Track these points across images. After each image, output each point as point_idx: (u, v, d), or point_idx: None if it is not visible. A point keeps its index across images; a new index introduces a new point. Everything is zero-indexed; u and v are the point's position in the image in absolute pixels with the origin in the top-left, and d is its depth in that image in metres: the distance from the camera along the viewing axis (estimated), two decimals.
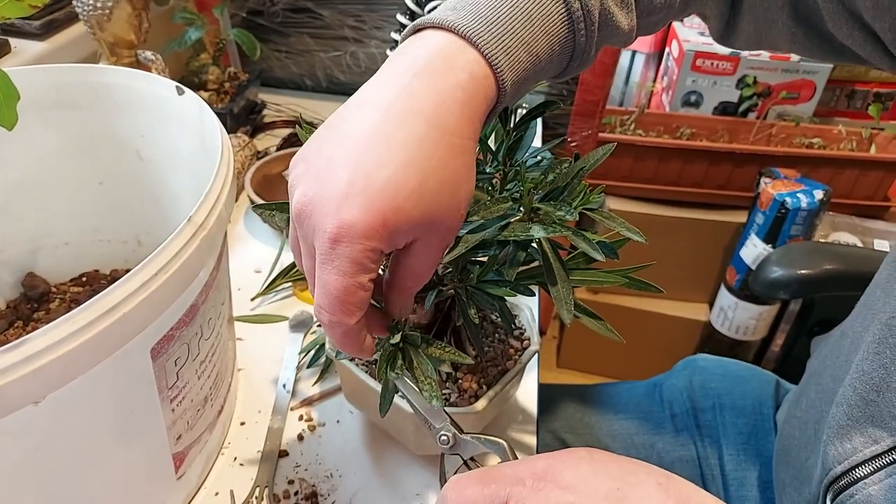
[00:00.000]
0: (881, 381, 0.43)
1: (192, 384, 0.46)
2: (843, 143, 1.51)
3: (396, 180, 0.33)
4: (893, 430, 0.42)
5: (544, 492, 0.33)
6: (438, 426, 0.41)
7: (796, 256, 0.84)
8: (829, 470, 0.45)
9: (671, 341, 1.55)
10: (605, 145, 0.41)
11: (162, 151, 0.60)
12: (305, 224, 0.35)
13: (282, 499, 0.52)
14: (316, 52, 1.11)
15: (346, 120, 0.35)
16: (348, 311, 0.35)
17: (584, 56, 0.42)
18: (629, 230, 0.42)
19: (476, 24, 0.36)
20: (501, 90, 0.37)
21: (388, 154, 0.33)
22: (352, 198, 0.33)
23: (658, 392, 0.77)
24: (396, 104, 0.34)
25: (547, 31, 0.38)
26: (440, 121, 0.34)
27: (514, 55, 0.37)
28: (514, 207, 0.41)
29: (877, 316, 0.45)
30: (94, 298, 0.34)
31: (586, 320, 0.45)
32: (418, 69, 0.35)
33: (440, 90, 0.35)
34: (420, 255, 0.36)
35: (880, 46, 0.45)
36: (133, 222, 0.66)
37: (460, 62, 0.36)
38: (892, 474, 0.41)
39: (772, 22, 0.49)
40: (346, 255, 0.33)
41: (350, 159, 0.33)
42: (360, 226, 0.32)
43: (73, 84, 0.57)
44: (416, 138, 0.34)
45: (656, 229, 1.47)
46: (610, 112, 1.54)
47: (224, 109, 0.92)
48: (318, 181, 0.34)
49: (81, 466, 0.40)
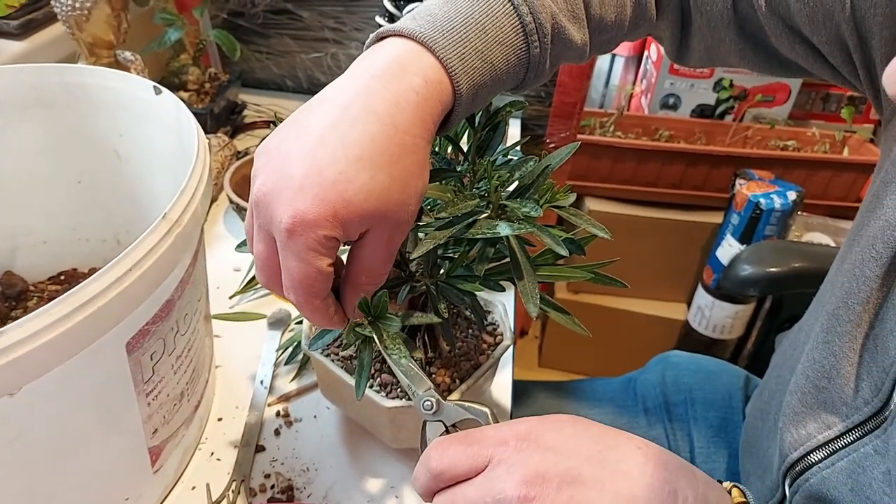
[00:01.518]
0: (831, 368, 0.44)
1: (168, 379, 0.47)
2: (816, 145, 1.54)
3: (347, 174, 0.35)
4: (844, 415, 0.44)
5: (526, 452, 0.34)
6: (422, 392, 0.41)
7: (766, 255, 0.86)
8: (786, 456, 0.47)
9: (650, 340, 1.58)
10: (570, 144, 0.43)
11: (140, 151, 0.60)
12: (263, 213, 0.37)
13: (258, 492, 0.53)
14: (297, 53, 1.11)
15: (307, 117, 0.38)
16: (312, 293, 0.38)
17: (539, 68, 0.44)
18: (594, 226, 0.44)
19: (433, 32, 0.39)
20: (457, 94, 0.39)
21: (341, 150, 0.35)
22: (305, 190, 0.35)
23: (632, 387, 0.79)
24: (353, 103, 0.37)
25: (501, 41, 0.41)
26: (393, 120, 0.36)
27: (468, 61, 0.39)
28: (482, 204, 0.42)
29: (824, 307, 0.47)
30: (68, 292, 0.35)
31: (554, 314, 0.46)
32: (376, 71, 0.38)
33: (395, 91, 0.37)
34: (371, 245, 0.38)
35: (821, 58, 0.47)
36: (112, 221, 0.66)
37: (415, 66, 0.38)
38: (845, 457, 0.43)
39: (720, 41, 0.51)
40: (301, 242, 0.35)
41: (306, 154, 0.36)
42: (311, 216, 0.35)
43: (51, 84, 0.57)
44: (368, 136, 0.36)
45: (635, 230, 1.49)
46: (589, 114, 1.56)
47: (204, 110, 0.92)
48: (276, 173, 0.36)
49: (58, 457, 0.41)
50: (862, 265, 0.44)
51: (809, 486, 0.45)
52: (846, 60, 0.46)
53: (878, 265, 0.42)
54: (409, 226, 0.39)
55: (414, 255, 0.40)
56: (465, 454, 0.35)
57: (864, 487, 0.41)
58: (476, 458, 0.35)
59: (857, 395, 0.43)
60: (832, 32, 0.45)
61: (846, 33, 0.44)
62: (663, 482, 0.34)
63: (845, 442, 0.43)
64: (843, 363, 0.44)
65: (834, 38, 0.45)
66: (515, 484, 0.33)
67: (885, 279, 0.42)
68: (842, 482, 0.43)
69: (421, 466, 0.37)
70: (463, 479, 0.35)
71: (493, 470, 0.34)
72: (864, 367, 0.43)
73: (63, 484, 0.42)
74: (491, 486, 0.34)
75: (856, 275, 0.44)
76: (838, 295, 0.45)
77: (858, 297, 0.43)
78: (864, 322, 0.43)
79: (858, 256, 0.44)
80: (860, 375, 0.43)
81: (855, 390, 0.43)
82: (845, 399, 0.44)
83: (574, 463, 0.34)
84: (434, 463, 0.36)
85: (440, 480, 0.36)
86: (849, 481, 0.42)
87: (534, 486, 0.33)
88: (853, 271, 0.44)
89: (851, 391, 0.44)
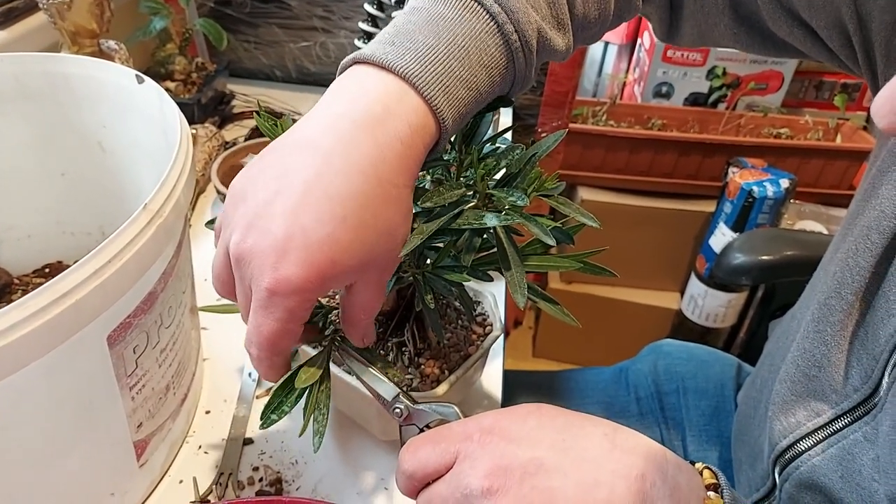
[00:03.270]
0: (822, 357, 0.44)
1: (152, 372, 0.46)
2: (809, 133, 1.54)
3: (333, 235, 0.34)
4: (834, 402, 0.44)
5: (491, 445, 0.35)
6: (391, 400, 0.42)
7: (758, 243, 0.86)
8: (776, 444, 0.47)
9: (643, 329, 1.58)
10: (557, 132, 0.42)
11: (124, 142, 0.59)
12: (244, 269, 0.36)
13: (246, 485, 0.53)
14: (285, 42, 1.10)
15: (285, 162, 0.36)
16: (276, 352, 0.38)
17: (524, 81, 0.43)
18: (583, 215, 0.43)
19: (415, 65, 0.37)
20: (443, 129, 0.38)
21: (326, 208, 0.34)
22: (290, 253, 0.34)
23: (624, 377, 0.79)
24: (335, 154, 0.35)
25: (485, 64, 0.39)
26: (376, 171, 0.35)
27: (453, 93, 0.38)
28: (469, 194, 0.41)
29: (816, 296, 0.47)
30: (46, 284, 0.34)
31: (543, 304, 0.46)
32: (358, 117, 0.36)
33: (379, 143, 0.36)
34: (362, 293, 0.39)
35: (819, 42, 0.47)
36: (96, 214, 0.65)
37: (399, 110, 0.36)
38: (835, 444, 0.43)
39: (714, 25, 0.51)
40: (281, 305, 0.35)
41: (289, 212, 0.34)
42: (296, 280, 0.34)
43: (32, 74, 0.56)
44: (352, 192, 0.35)
45: (628, 219, 1.49)
46: (582, 103, 1.55)
47: (191, 100, 0.91)
48: (256, 229, 0.35)
49: (40, 452, 0.40)
50: (856, 255, 0.43)
51: (799, 474, 0.45)
52: (845, 44, 0.45)
53: (871, 255, 0.42)
54: (396, 264, 0.39)
55: (402, 252, 0.39)
56: (433, 453, 0.36)
57: (854, 474, 0.41)
58: (444, 456, 0.36)
59: (847, 382, 0.43)
60: (831, 16, 0.44)
61: (846, 17, 0.43)
62: (630, 467, 0.34)
63: (835, 429, 0.43)
64: (833, 352, 0.44)
65: (833, 21, 0.44)
66: (479, 477, 0.34)
67: (877, 268, 0.42)
68: (832, 469, 0.43)
69: (397, 469, 0.38)
70: (436, 477, 0.36)
71: (460, 465, 0.35)
72: (854, 355, 0.43)
73: (45, 478, 0.41)
74: (458, 482, 0.34)
75: (849, 264, 0.44)
76: (831, 284, 0.45)
77: (851, 287, 0.43)
78: (856, 311, 0.43)
79: (852, 246, 0.44)
80: (850, 363, 0.43)
81: (845, 378, 0.43)
82: (835, 387, 0.44)
83: (536, 453, 0.34)
84: (406, 465, 0.37)
85: (415, 480, 0.37)
86: (839, 468, 0.42)
87: (497, 478, 0.33)
88: (846, 261, 0.44)
89: (841, 379, 0.43)
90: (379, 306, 0.41)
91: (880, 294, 0.42)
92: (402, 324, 0.53)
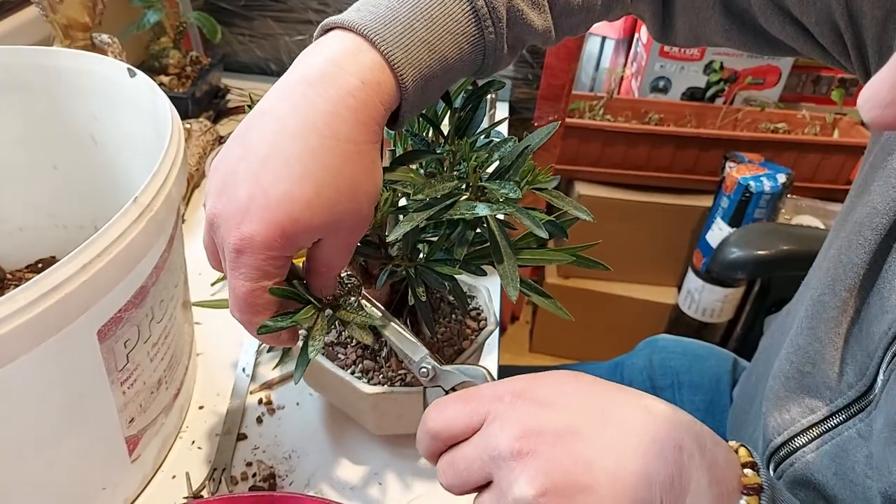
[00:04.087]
0: (816, 354, 0.44)
1: (144, 367, 0.46)
2: (807, 127, 1.53)
3: (292, 193, 0.35)
4: (828, 399, 0.43)
5: (523, 408, 0.34)
6: (417, 360, 0.42)
7: (754, 237, 0.86)
8: (770, 441, 0.47)
9: (640, 324, 1.58)
10: (550, 124, 0.42)
11: (116, 135, 0.59)
12: (216, 235, 0.38)
13: (240, 480, 0.52)
14: (280, 35, 1.10)
15: (248, 132, 0.37)
16: (256, 312, 0.38)
17: (497, 54, 0.42)
18: (577, 209, 0.43)
19: (374, 23, 0.37)
20: (403, 88, 0.38)
21: (284, 169, 0.35)
22: (251, 212, 0.35)
23: (619, 371, 0.79)
24: (291, 116, 0.36)
25: (451, 30, 0.39)
26: (332, 130, 0.36)
27: (413, 53, 0.38)
28: (461, 186, 0.41)
29: (809, 292, 0.47)
30: (35, 279, 0.34)
31: (536, 298, 0.45)
32: (311, 77, 0.37)
33: (331, 99, 0.36)
34: (327, 250, 0.39)
35: (811, 39, 0.47)
36: (89, 207, 0.65)
37: (352, 67, 0.37)
38: (829, 441, 0.43)
39: (705, 20, 0.50)
40: (249, 263, 0.36)
41: (249, 174, 0.36)
42: (259, 238, 0.35)
43: (23, 66, 0.56)
44: (309, 150, 0.35)
45: (624, 214, 1.48)
46: (579, 97, 1.55)
47: (185, 94, 0.91)
48: (224, 195, 0.37)
49: (30, 446, 0.40)
50: (849, 251, 0.43)
51: (794, 471, 0.45)
52: (836, 41, 0.45)
53: (864, 251, 0.42)
54: (366, 226, 0.39)
55: (391, 237, 0.39)
56: (461, 412, 0.35)
57: (848, 471, 0.41)
58: (472, 416, 0.34)
59: (842, 379, 0.43)
60: (822, 12, 0.44)
61: (837, 13, 0.43)
62: (668, 438, 0.32)
63: (829, 426, 0.43)
64: (827, 348, 0.43)
65: (824, 18, 0.44)
66: (508, 439, 0.32)
67: (871, 265, 0.42)
68: (826, 466, 0.43)
69: (421, 428, 0.36)
70: (462, 439, 0.35)
71: (489, 427, 0.34)
72: (848, 352, 0.43)
73: (36, 472, 0.41)
74: (486, 443, 0.33)
75: (842, 261, 0.44)
76: (824, 281, 0.45)
77: (845, 283, 0.43)
78: (850, 308, 0.43)
79: (845, 242, 0.44)
80: (844, 360, 0.43)
81: (839, 375, 0.43)
82: (829, 384, 0.43)
83: (572, 419, 0.33)
84: (431, 423, 0.35)
85: (439, 440, 0.35)
86: (833, 465, 0.42)
87: (528, 440, 0.32)
88: (839, 257, 0.44)
89: (836, 376, 0.43)
90: (342, 266, 0.41)
91: (874, 290, 0.41)
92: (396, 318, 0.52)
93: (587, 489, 0.31)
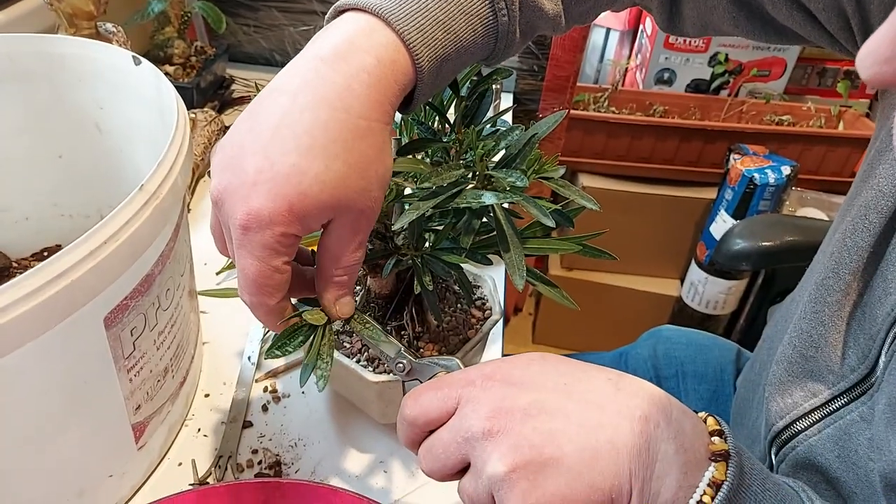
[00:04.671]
0: (820, 338, 0.44)
1: (150, 355, 0.46)
2: (812, 120, 1.53)
3: (300, 166, 0.34)
4: (831, 382, 0.44)
5: (493, 389, 0.35)
6: (393, 356, 0.43)
7: (758, 229, 0.86)
8: (772, 425, 0.47)
9: (643, 316, 1.58)
10: (557, 113, 0.42)
11: (121, 124, 0.59)
12: (221, 211, 0.36)
13: (245, 468, 0.53)
14: (285, 26, 1.09)
15: (258, 108, 0.36)
16: (266, 293, 0.37)
17: (509, 38, 0.42)
18: (583, 198, 0.43)
19: (388, 3, 0.37)
20: (418, 68, 0.37)
21: (292, 141, 0.34)
22: (259, 185, 0.34)
23: (623, 361, 0.79)
24: (302, 90, 0.35)
25: (465, 10, 0.39)
26: (345, 104, 0.35)
27: (429, 33, 0.37)
28: (467, 175, 0.41)
29: (813, 277, 0.47)
30: (41, 265, 0.34)
31: (541, 287, 0.45)
32: (325, 54, 0.36)
33: (345, 74, 0.35)
34: (336, 234, 0.37)
35: (819, 26, 0.46)
36: (94, 196, 0.65)
37: (367, 45, 0.36)
38: (831, 424, 0.43)
39: (713, 7, 0.50)
40: (256, 240, 0.35)
41: (257, 147, 0.35)
42: (266, 212, 0.34)
43: (28, 54, 0.56)
44: (320, 123, 0.34)
45: (629, 206, 1.48)
46: (583, 89, 1.54)
47: (190, 84, 0.91)
48: (230, 169, 0.35)
49: (37, 433, 0.40)
50: (854, 235, 0.43)
51: (796, 455, 0.45)
52: (843, 27, 0.45)
53: (869, 234, 0.42)
54: (375, 212, 0.38)
55: (396, 225, 0.39)
56: (435, 398, 0.36)
57: (850, 454, 0.41)
58: (446, 401, 0.36)
59: (844, 362, 0.43)
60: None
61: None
62: (633, 408, 0.34)
63: (832, 408, 0.43)
64: (830, 332, 0.43)
65: (832, 4, 0.44)
66: (480, 419, 0.34)
67: (875, 248, 0.42)
68: (828, 449, 0.43)
69: (399, 417, 0.38)
70: (438, 425, 0.36)
71: (461, 409, 0.35)
72: (851, 335, 0.43)
73: (43, 459, 0.41)
74: (460, 426, 0.35)
75: (847, 245, 0.44)
76: (828, 265, 0.45)
77: (849, 267, 0.43)
78: (854, 291, 0.43)
79: (850, 226, 0.44)
80: (847, 343, 0.43)
81: (842, 358, 0.43)
82: (832, 367, 0.43)
83: (538, 395, 0.34)
84: (408, 411, 0.37)
85: (416, 427, 0.37)
86: (835, 448, 0.42)
87: (497, 419, 0.33)
88: (844, 241, 0.44)
89: (838, 359, 0.43)
90: (352, 262, 0.39)
91: (878, 274, 0.41)
92: (402, 307, 0.52)
93: (556, 461, 0.32)
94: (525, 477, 0.32)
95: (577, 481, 0.32)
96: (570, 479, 0.32)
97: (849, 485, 0.41)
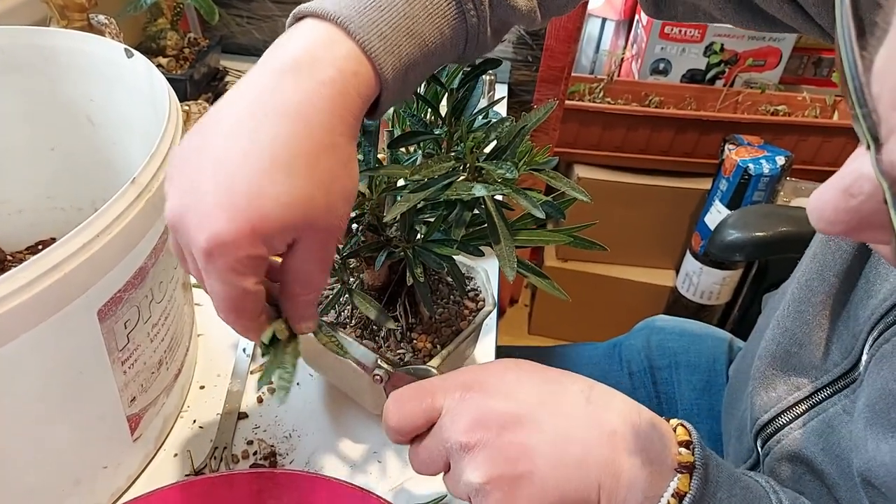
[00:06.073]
0: (803, 336, 0.45)
1: (144, 347, 0.46)
2: (807, 110, 1.53)
3: (261, 185, 0.32)
4: (813, 377, 0.44)
5: (469, 401, 0.37)
6: (371, 367, 0.44)
7: (752, 219, 0.86)
8: (757, 419, 0.48)
9: (638, 307, 1.58)
10: (548, 104, 0.42)
11: (113, 116, 0.59)
12: (180, 235, 0.34)
13: (240, 459, 0.53)
14: (279, 17, 1.09)
15: (215, 122, 0.34)
16: (240, 314, 0.35)
17: (480, 38, 0.40)
18: (575, 190, 0.43)
19: (349, 12, 0.35)
20: (382, 78, 0.36)
21: (253, 158, 0.32)
22: (217, 209, 0.32)
23: (617, 352, 0.79)
24: (262, 106, 0.33)
25: (431, 13, 0.37)
26: (304, 116, 0.33)
27: (392, 40, 0.35)
28: (458, 167, 0.41)
29: (796, 275, 0.47)
30: (34, 258, 0.34)
31: (533, 278, 0.46)
32: (285, 66, 0.34)
33: (304, 87, 0.33)
34: (301, 255, 0.35)
35: (809, 19, 0.46)
36: (87, 189, 0.65)
37: (328, 57, 0.34)
38: (815, 417, 0.44)
39: None
40: (221, 265, 0.32)
41: (214, 167, 0.32)
42: (228, 237, 0.31)
43: (19, 47, 0.56)
44: (281, 139, 0.32)
45: (624, 197, 1.48)
46: (579, 80, 1.54)
47: (183, 76, 0.90)
48: (186, 192, 0.33)
49: (32, 424, 0.40)
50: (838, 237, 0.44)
51: (781, 448, 0.46)
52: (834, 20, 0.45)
53: None
54: (341, 230, 0.36)
55: (387, 217, 0.39)
56: (419, 409, 0.38)
57: (834, 446, 0.41)
58: (430, 413, 0.37)
59: (827, 358, 0.43)
60: None
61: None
62: (603, 423, 0.35)
63: (815, 401, 0.44)
64: (814, 331, 0.44)
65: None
66: (458, 432, 0.35)
67: (860, 250, 0.42)
68: (813, 442, 0.43)
69: (384, 423, 0.39)
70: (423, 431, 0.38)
71: (442, 420, 0.37)
72: (835, 333, 0.43)
73: (37, 450, 0.42)
74: (441, 436, 0.37)
75: (831, 247, 0.44)
76: (812, 266, 0.45)
77: (834, 269, 0.44)
78: (838, 292, 0.44)
79: None
80: (830, 341, 0.43)
81: (825, 355, 0.44)
82: (815, 363, 0.44)
83: (514, 408, 0.36)
84: (393, 422, 0.38)
85: (402, 435, 0.38)
86: (819, 441, 0.43)
87: (474, 432, 0.35)
88: (828, 243, 0.45)
89: (821, 356, 0.44)
90: (319, 282, 0.37)
91: (862, 276, 0.42)
92: (394, 299, 0.53)
93: (529, 474, 0.34)
94: (500, 488, 0.34)
95: (548, 493, 0.34)
96: (541, 490, 0.34)
97: (833, 476, 0.42)
